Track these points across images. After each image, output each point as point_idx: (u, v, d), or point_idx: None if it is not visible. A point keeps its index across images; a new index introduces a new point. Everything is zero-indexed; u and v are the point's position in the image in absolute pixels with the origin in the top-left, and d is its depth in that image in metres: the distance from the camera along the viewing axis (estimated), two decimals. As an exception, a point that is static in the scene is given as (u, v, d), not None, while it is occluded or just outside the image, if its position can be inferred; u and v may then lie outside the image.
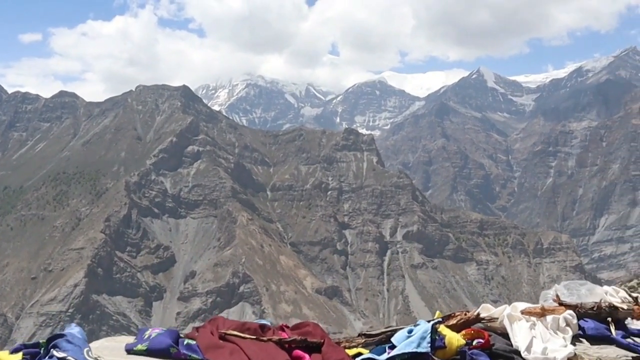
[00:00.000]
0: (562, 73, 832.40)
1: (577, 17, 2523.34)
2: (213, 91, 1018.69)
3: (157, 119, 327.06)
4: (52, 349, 5.27)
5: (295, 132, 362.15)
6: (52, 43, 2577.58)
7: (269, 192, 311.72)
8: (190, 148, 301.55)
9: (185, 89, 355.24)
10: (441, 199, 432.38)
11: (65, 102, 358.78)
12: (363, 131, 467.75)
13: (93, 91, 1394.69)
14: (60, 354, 5.15)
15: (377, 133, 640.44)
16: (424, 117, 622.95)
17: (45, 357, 5.24)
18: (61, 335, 5.37)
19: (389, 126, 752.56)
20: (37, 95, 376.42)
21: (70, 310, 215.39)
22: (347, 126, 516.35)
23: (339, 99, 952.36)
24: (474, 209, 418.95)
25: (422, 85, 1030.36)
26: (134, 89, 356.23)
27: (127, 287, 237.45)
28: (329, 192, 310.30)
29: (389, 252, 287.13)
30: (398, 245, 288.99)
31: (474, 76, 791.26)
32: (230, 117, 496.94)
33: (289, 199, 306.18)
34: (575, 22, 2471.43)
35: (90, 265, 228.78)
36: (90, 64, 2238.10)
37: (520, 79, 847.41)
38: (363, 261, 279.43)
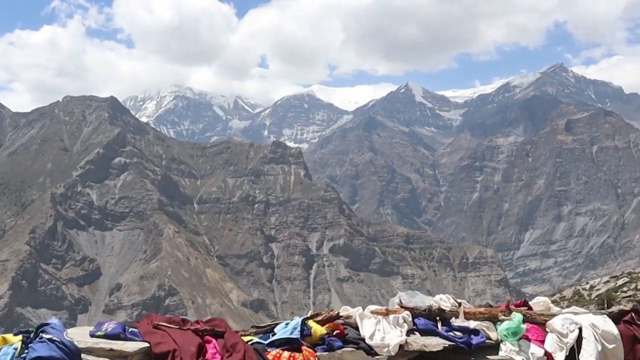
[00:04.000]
0: (489, 88, 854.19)
1: (505, 32, 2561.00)
2: (141, 102, 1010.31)
3: (84, 130, 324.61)
4: (40, 333, 7.34)
5: (222, 144, 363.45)
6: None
7: (195, 205, 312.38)
8: (117, 160, 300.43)
9: (112, 100, 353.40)
10: (368, 213, 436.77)
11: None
12: (291, 144, 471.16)
13: (20, 101, 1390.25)
14: (48, 335, 7.20)
15: (304, 146, 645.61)
16: (352, 131, 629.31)
17: (35, 339, 7.28)
18: (47, 324, 7.49)
19: (316, 139, 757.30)
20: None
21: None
22: (275, 139, 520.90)
23: (267, 111, 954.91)
24: (401, 222, 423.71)
25: (351, 99, 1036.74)
26: (61, 100, 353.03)
27: (52, 299, 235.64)
28: (256, 205, 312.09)
29: (315, 265, 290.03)
30: (324, 259, 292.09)
31: (402, 90, 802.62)
32: (158, 129, 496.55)
33: (216, 211, 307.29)
34: (503, 38, 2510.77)
35: (15, 278, 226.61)
36: (17, 73, 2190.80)
37: (448, 93, 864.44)
38: (289, 274, 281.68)
